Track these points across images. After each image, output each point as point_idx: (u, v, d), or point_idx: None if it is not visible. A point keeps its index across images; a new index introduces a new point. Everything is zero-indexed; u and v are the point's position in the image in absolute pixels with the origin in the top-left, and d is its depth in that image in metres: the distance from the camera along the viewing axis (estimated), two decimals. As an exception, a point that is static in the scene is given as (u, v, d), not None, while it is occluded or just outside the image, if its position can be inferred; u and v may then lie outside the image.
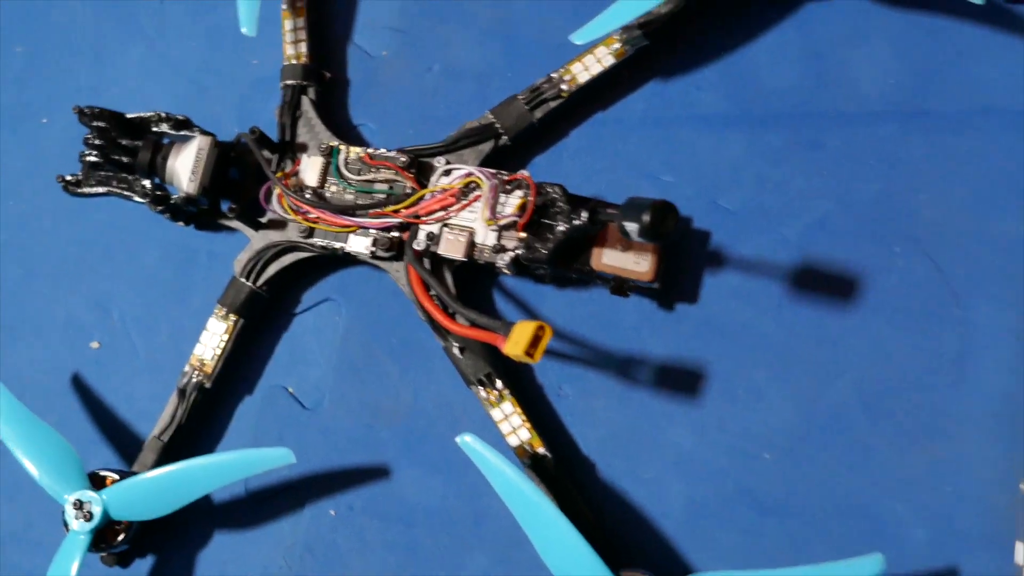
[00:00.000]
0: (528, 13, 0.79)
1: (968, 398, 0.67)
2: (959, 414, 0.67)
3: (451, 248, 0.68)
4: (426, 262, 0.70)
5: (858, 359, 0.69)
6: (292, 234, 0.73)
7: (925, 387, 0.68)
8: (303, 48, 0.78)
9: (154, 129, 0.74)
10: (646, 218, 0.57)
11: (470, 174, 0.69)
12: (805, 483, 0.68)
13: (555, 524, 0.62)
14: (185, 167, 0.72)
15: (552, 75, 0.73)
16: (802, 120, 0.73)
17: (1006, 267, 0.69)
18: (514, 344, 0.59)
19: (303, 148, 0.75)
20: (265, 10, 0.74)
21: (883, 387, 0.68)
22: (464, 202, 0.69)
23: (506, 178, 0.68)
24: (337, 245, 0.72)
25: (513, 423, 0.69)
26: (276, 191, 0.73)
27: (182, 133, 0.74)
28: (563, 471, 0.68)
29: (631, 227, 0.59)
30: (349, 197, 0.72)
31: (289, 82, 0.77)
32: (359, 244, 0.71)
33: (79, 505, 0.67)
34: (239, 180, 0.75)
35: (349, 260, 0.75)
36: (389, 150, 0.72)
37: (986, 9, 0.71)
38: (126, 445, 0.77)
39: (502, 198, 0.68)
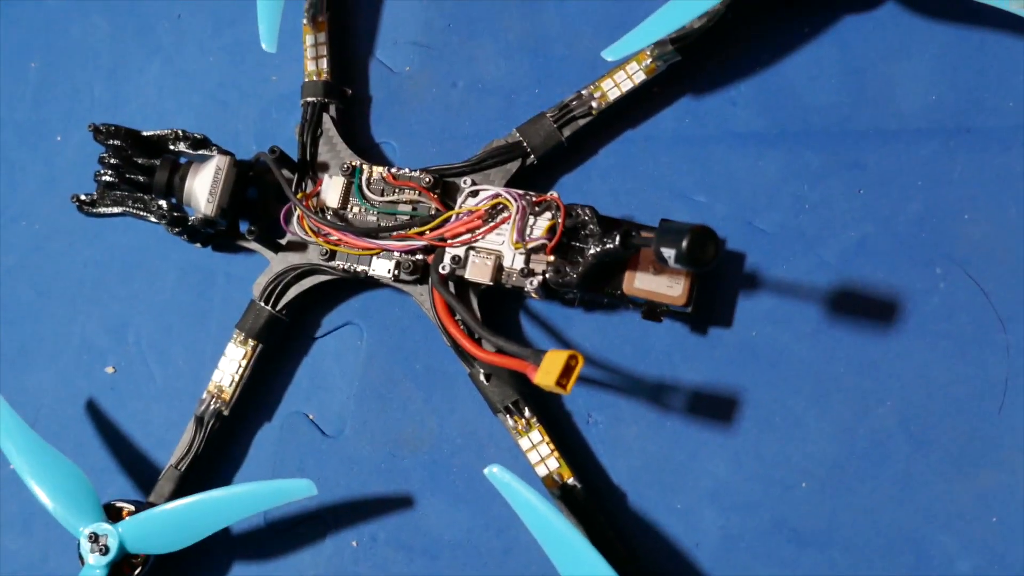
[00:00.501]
0: (557, 28, 0.78)
1: (1015, 425, 0.66)
2: (1005, 442, 0.66)
3: (478, 272, 0.67)
4: (451, 285, 0.69)
5: (900, 385, 0.68)
6: (313, 256, 0.73)
7: (970, 414, 0.67)
8: (324, 64, 0.77)
9: (171, 148, 0.74)
10: (684, 245, 0.56)
11: (498, 195, 0.67)
12: (845, 514, 0.67)
13: (586, 557, 0.61)
14: (203, 188, 0.71)
15: (582, 92, 0.72)
16: (841, 138, 0.72)
17: (1055, 290, 0.68)
18: (545, 374, 0.57)
19: (324, 167, 0.74)
20: (285, 24, 0.73)
21: (926, 414, 0.67)
22: (491, 224, 0.68)
23: (535, 199, 0.67)
24: (360, 268, 0.71)
25: (541, 452, 0.68)
26: (297, 212, 0.72)
27: (200, 152, 0.73)
28: (593, 502, 0.67)
29: (668, 253, 0.57)
30: (372, 218, 0.71)
31: (310, 99, 0.76)
32: (382, 267, 0.70)
33: (95, 538, 0.67)
34: (258, 200, 0.75)
35: (371, 283, 0.74)
36: (412, 170, 0.71)
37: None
38: (142, 474, 0.76)
39: (530, 220, 0.67)
